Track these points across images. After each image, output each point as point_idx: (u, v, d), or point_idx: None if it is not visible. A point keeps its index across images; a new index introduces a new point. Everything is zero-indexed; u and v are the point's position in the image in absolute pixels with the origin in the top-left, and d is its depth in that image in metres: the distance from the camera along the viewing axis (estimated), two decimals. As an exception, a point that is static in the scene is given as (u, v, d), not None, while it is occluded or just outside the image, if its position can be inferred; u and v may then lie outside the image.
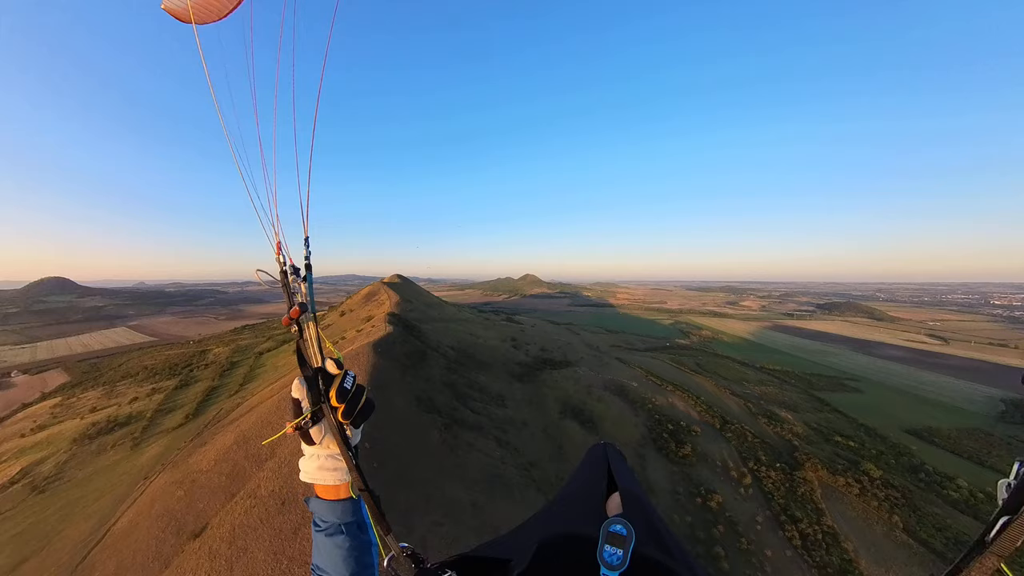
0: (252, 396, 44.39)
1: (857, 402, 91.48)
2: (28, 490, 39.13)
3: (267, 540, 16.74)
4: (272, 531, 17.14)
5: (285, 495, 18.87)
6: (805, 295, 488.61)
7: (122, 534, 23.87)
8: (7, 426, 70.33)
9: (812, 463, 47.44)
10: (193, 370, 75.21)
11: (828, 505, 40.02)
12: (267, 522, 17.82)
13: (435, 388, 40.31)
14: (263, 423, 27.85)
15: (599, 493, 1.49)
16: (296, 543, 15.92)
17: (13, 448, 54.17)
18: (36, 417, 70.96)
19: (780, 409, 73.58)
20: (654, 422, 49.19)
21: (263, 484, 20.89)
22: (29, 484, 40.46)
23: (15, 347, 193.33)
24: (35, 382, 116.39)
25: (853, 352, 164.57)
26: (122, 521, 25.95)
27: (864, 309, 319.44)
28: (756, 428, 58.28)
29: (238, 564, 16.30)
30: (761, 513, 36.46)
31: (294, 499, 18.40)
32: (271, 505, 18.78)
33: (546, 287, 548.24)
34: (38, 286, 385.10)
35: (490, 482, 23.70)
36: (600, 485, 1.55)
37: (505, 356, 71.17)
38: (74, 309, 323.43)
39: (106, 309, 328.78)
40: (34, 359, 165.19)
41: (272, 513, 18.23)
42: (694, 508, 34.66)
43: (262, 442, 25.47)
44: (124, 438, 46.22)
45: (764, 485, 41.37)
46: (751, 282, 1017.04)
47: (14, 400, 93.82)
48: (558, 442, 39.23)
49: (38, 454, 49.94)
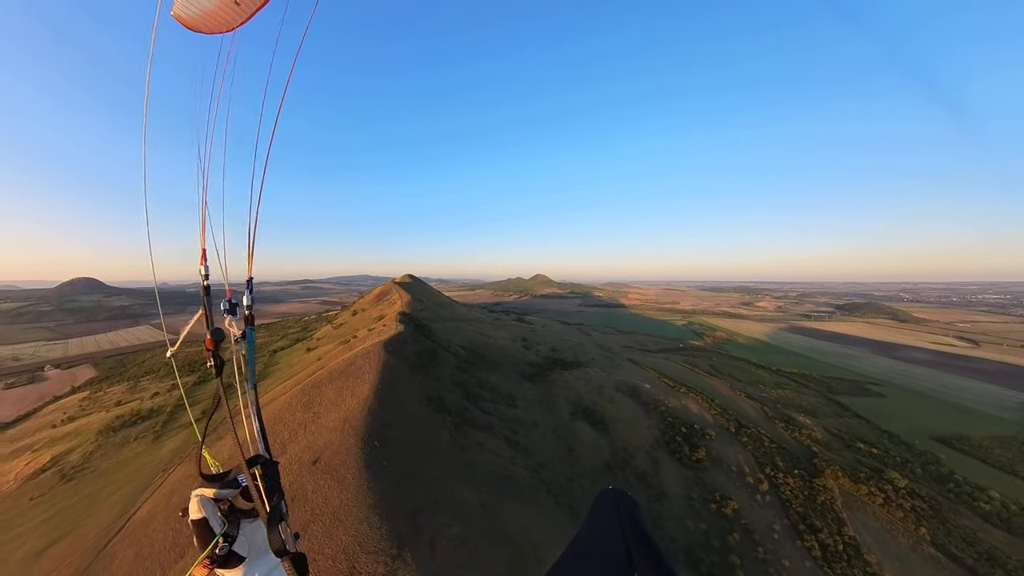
0: (265, 393, 45.22)
1: (880, 407, 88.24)
2: (58, 478, 40.87)
3: (277, 537, 16.92)
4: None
5: (295, 492, 19.03)
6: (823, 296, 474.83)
7: (141, 524, 24.53)
8: (40, 417, 73.79)
9: (832, 470, 45.83)
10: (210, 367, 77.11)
11: (850, 515, 38.55)
12: (278, 519, 18.00)
13: (445, 387, 40.35)
14: (275, 420, 28.26)
15: (618, 556, 1.23)
16: (304, 540, 16.02)
17: (45, 438, 56.82)
18: (66, 409, 74.10)
19: (798, 413, 71.44)
20: (667, 425, 48.26)
21: (275, 481, 21.16)
22: (59, 472, 42.26)
23: (48, 343, 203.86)
24: (66, 376, 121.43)
25: (875, 355, 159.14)
26: (142, 511, 26.67)
27: (887, 310, 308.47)
28: (773, 433, 56.67)
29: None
30: (779, 521, 35.30)
31: (304, 496, 18.55)
32: (282, 502, 18.98)
33: (557, 287, 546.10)
34: (69, 286, 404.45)
35: (500, 483, 23.51)
36: (618, 546, 1.30)
37: (516, 356, 70.95)
38: (102, 308, 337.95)
39: (131, 308, 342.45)
40: (65, 355, 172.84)
41: (283, 510, 18.41)
42: (708, 514, 33.79)
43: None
44: (146, 431, 47.72)
45: (782, 492, 40.09)
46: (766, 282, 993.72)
47: (47, 393, 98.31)
48: (569, 443, 38.78)
49: (68, 444, 52.10)
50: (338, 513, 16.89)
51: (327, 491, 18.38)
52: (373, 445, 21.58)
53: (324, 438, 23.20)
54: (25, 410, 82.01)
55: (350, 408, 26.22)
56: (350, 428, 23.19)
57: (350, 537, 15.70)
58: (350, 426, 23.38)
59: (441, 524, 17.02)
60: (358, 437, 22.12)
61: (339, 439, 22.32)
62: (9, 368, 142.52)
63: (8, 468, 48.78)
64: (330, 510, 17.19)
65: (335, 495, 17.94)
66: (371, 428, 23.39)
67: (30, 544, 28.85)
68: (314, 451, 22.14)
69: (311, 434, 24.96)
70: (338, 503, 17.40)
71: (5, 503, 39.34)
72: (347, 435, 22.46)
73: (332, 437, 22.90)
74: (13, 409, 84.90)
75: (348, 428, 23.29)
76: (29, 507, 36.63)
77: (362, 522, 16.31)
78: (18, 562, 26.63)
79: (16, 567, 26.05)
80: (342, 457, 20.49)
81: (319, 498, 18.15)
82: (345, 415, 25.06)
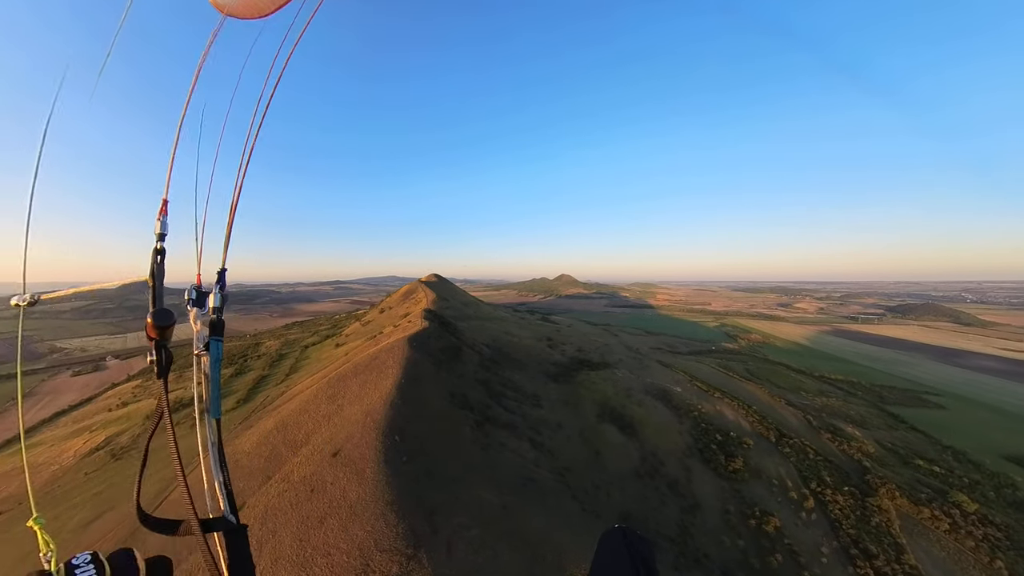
0: (295, 385, 46.52)
1: (940, 420, 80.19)
2: (109, 456, 44.19)
3: (294, 526, 16.80)
4: (300, 517, 17.17)
5: (315, 483, 18.91)
6: (871, 296, 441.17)
7: (171, 505, 25.57)
8: (100, 401, 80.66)
9: (888, 489, 41.58)
10: (247, 360, 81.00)
11: (910, 540, 34.66)
12: (296, 507, 17.92)
13: (469, 384, 39.84)
14: (301, 411, 28.68)
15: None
16: (321, 533, 15.74)
17: (102, 420, 61.98)
18: (121, 395, 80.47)
19: (846, 424, 65.92)
20: (700, 431, 45.54)
21: (296, 470, 21.22)
22: (109, 451, 45.71)
23: (110, 336, 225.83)
24: (123, 366, 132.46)
25: (933, 361, 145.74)
26: (174, 493, 27.85)
27: (947, 312, 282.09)
28: (818, 444, 52.38)
29: (266, 546, 16.51)
30: (827, 543, 32.12)
31: (323, 488, 18.37)
32: (301, 491, 18.91)
33: (582, 287, 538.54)
34: (130, 286, 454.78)
35: (523, 485, 22.56)
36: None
37: (540, 355, 69.74)
38: None
39: (181, 306, 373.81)
40: (124, 347, 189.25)
41: (302, 499, 18.32)
42: (747, 531, 31.22)
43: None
44: (186, 418, 50.38)
45: (830, 510, 36.64)
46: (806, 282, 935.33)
47: (106, 380, 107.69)
48: (595, 447, 37.20)
49: (120, 427, 56.31)
50: (355, 507, 16.51)
51: (345, 484, 18.09)
52: (394, 439, 21.19)
53: (346, 430, 23.10)
54: (87, 395, 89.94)
55: (372, 402, 26.09)
56: (371, 422, 22.96)
57: (366, 533, 15.24)
58: (372, 420, 23.16)
59: (460, 525, 16.27)
60: (379, 431, 21.82)
61: (360, 432, 22.12)
62: (77, 358, 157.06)
63: (69, 445, 53.37)
64: (347, 504, 16.85)
65: (353, 489, 17.61)
66: (392, 422, 23.06)
67: (81, 515, 31.16)
68: (335, 443, 22.05)
69: (334, 426, 25.01)
70: (355, 497, 17.04)
71: (66, 476, 43.01)
72: (368, 429, 22.22)
73: (354, 430, 22.76)
74: (78, 394, 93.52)
75: (370, 422, 23.07)
76: (84, 481, 39.65)
77: (379, 518, 15.83)
78: (71, 531, 28.80)
79: (69, 535, 28.18)
80: (362, 451, 20.22)
81: (337, 491, 17.89)
82: (367, 408, 24.92)
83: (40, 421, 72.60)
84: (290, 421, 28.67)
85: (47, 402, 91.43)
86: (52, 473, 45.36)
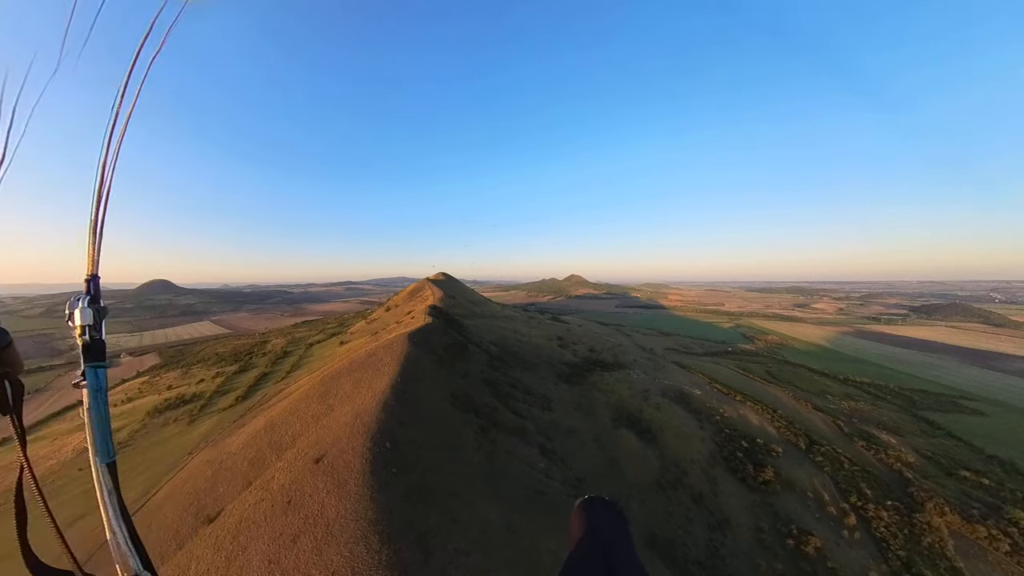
0: (294, 383, 44.56)
1: (979, 427, 74.79)
2: (104, 452, 42.76)
3: (266, 542, 14.38)
4: (272, 533, 14.74)
5: (293, 493, 16.45)
6: (893, 296, 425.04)
7: (155, 507, 23.49)
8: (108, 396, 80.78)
9: (936, 503, 37.55)
10: (252, 357, 79.98)
11: (967, 564, 30.77)
12: (270, 521, 15.51)
13: (474, 385, 37.16)
14: (291, 411, 26.40)
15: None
16: (292, 554, 13.25)
17: (104, 416, 61.22)
18: (128, 391, 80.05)
19: (879, 431, 61.38)
20: (724, 437, 42.01)
21: (276, 476, 18.83)
22: (106, 447, 44.31)
23: (127, 335, 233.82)
24: (135, 363, 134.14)
25: (964, 364, 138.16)
26: (159, 494, 25.81)
27: (976, 312, 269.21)
28: (852, 452, 48.29)
29: (235, 563, 14.17)
30: (875, 567, 28.43)
31: (301, 500, 15.89)
32: (278, 502, 16.50)
33: (592, 288, 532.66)
34: (147, 287, 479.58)
35: (531, 500, 19.77)
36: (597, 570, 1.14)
37: (551, 355, 66.73)
38: (172, 306, 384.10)
39: (196, 306, 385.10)
40: (139, 344, 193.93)
41: (277, 512, 15.90)
42: (784, 552, 27.76)
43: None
44: (184, 415, 48.92)
45: (874, 528, 32.86)
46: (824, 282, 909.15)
47: (116, 376, 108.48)
48: (612, 455, 34.09)
49: (122, 422, 55.16)
50: (332, 526, 13.95)
51: (324, 497, 15.57)
52: (384, 447, 18.61)
53: (333, 434, 20.63)
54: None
55: (364, 402, 23.60)
56: (360, 425, 20.44)
57: (342, 559, 12.66)
58: (360, 423, 20.64)
59: (456, 551, 13.58)
60: (368, 436, 19.27)
61: (347, 436, 19.61)
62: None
63: (70, 440, 52.48)
64: (324, 521, 14.30)
65: (332, 503, 15.06)
66: (384, 426, 20.50)
67: (67, 512, 29.45)
68: (320, 448, 19.59)
69: (322, 428, 22.60)
70: (334, 514, 14.48)
71: (60, 471, 41.68)
72: (356, 433, 19.70)
73: (341, 433, 20.27)
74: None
75: (358, 425, 20.56)
76: (76, 476, 38.25)
77: (359, 541, 13.24)
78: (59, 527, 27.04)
79: (54, 533, 26.45)
80: (347, 458, 17.69)
81: (315, 504, 15.37)
82: (357, 410, 22.43)
83: (49, 415, 72.62)
84: (279, 421, 26.42)
85: (58, 397, 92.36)
86: (49, 467, 44.36)
